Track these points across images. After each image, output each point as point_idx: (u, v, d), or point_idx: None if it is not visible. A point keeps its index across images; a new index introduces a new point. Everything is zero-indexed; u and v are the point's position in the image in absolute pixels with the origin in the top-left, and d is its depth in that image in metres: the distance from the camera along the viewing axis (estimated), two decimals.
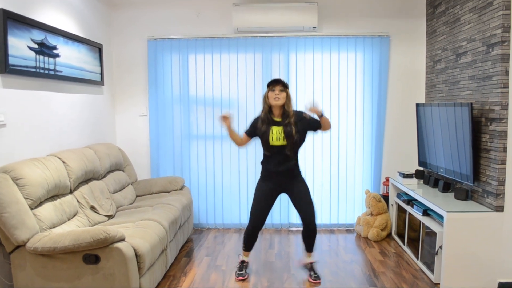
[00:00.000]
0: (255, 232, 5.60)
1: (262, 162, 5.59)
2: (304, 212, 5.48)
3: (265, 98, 5.41)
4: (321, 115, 5.30)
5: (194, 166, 7.71)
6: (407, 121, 7.49)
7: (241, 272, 5.66)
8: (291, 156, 5.38)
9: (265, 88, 5.94)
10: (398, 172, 7.01)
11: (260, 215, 5.52)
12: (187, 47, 7.50)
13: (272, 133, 5.31)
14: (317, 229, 5.47)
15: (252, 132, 5.56)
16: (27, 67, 5.07)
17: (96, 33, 7.01)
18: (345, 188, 7.62)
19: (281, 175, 5.44)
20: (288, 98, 5.36)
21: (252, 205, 5.57)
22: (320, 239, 7.06)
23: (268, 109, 5.41)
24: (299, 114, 5.44)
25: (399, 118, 7.51)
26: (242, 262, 5.78)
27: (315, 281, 5.51)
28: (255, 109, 7.43)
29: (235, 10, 7.13)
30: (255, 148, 7.48)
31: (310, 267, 5.70)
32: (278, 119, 5.39)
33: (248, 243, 5.70)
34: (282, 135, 5.29)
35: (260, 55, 7.47)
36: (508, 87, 4.97)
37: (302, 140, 5.43)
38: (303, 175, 5.64)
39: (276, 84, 5.31)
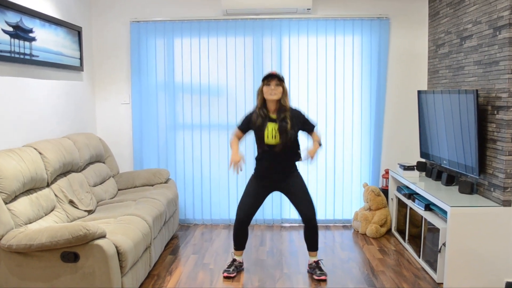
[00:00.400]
0: (242, 228, 5.61)
1: (256, 159, 5.61)
2: (303, 209, 5.51)
3: (260, 92, 5.40)
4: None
5: (180, 158, 7.68)
6: (408, 110, 7.47)
7: (228, 269, 5.64)
8: (287, 154, 5.42)
9: (256, 74, 5.95)
10: (398, 164, 7.00)
11: (248, 210, 5.55)
12: (172, 31, 7.44)
13: (268, 130, 5.33)
14: None
15: (246, 127, 5.56)
16: (1, 51, 5.00)
17: (75, 15, 6.93)
18: (341, 181, 7.61)
19: (276, 174, 5.48)
20: (284, 92, 5.36)
21: (241, 199, 5.61)
22: None
23: (262, 103, 5.41)
24: (295, 111, 5.48)
25: (399, 106, 7.50)
26: (234, 260, 5.77)
27: (319, 277, 5.50)
28: (245, 97, 7.42)
29: None
30: (245, 138, 7.43)
31: (315, 266, 5.67)
32: (273, 115, 5.39)
33: (238, 240, 5.71)
34: (277, 133, 5.30)
35: (251, 39, 7.42)
36: None
37: (296, 137, 5.45)
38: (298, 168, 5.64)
39: (272, 78, 5.28)
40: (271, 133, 5.30)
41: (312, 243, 5.66)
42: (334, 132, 7.48)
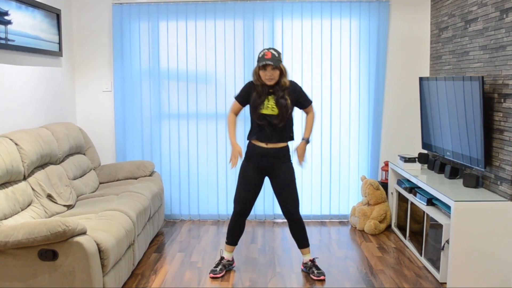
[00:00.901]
0: (241, 221, 5.63)
1: (249, 135, 5.57)
2: (284, 200, 5.54)
3: (256, 73, 5.36)
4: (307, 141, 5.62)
5: (165, 149, 7.67)
6: (409, 98, 7.49)
7: (215, 269, 5.63)
8: (282, 129, 5.39)
9: (247, 60, 5.92)
10: (398, 155, 7.00)
11: (247, 200, 5.55)
12: (157, 13, 7.42)
13: (266, 101, 5.33)
14: (307, 220, 5.47)
15: (245, 98, 5.53)
16: None
17: None
18: (338, 174, 7.62)
19: (269, 152, 5.44)
20: (282, 73, 5.32)
21: (237, 189, 5.60)
22: (310, 232, 6.99)
23: (261, 84, 5.37)
24: (294, 85, 5.49)
25: (399, 94, 7.51)
26: (222, 258, 5.76)
27: (318, 277, 5.51)
28: (235, 84, 7.40)
29: None
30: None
31: (312, 265, 5.67)
32: (271, 89, 5.36)
33: (233, 234, 5.70)
34: (273, 104, 5.31)
35: (241, 22, 7.41)
36: None
37: (291, 111, 5.45)
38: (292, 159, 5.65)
39: (267, 64, 5.21)
40: (265, 104, 5.31)
41: (301, 239, 5.68)
42: (330, 122, 7.48)
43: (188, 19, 7.41)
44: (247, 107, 5.57)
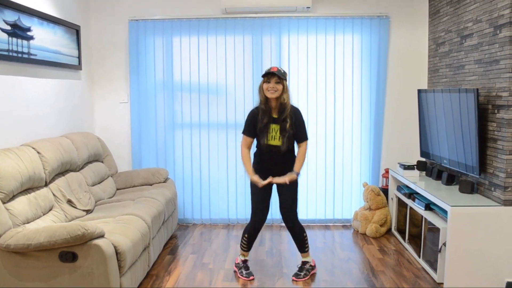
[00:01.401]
0: (259, 229, 5.61)
1: (255, 154, 5.59)
2: (285, 209, 5.54)
3: (260, 88, 5.33)
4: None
5: (178, 157, 7.68)
6: (408, 109, 7.48)
7: (248, 271, 5.65)
8: (286, 153, 5.38)
9: (255, 73, 5.91)
10: (398, 163, 7.00)
11: (263, 209, 5.53)
12: (171, 29, 7.45)
13: (269, 131, 5.30)
14: (312, 224, 5.45)
15: (253, 130, 5.44)
16: None
17: (73, 14, 6.94)
18: (341, 180, 7.61)
19: (274, 171, 5.42)
20: (284, 90, 5.27)
21: (252, 201, 5.56)
22: (315, 236, 7.07)
23: (265, 99, 5.32)
24: (296, 110, 5.42)
25: (399, 105, 7.51)
26: (245, 261, 5.75)
27: (292, 277, 5.59)
28: (244, 96, 7.43)
29: None
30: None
31: (300, 266, 5.71)
32: (275, 115, 5.33)
33: (251, 242, 5.70)
34: (278, 134, 5.29)
35: (250, 38, 7.43)
36: None
37: (292, 135, 5.40)
38: None
39: (272, 76, 5.20)
40: (271, 134, 5.29)
41: (299, 244, 5.69)
42: (333, 131, 7.49)
43: (200, 34, 7.44)
44: None
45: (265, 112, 5.31)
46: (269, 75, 5.22)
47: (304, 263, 5.71)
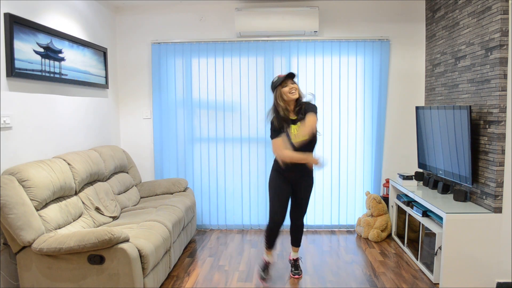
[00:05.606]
0: (278, 228, 5.40)
1: (276, 160, 5.33)
2: (297, 210, 5.51)
3: (279, 97, 5.08)
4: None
5: (197, 168, 7.70)
6: (407, 124, 7.48)
7: (264, 275, 5.60)
8: (305, 148, 5.11)
9: (267, 92, 5.83)
10: (398, 174, 6.99)
11: (282, 210, 5.32)
12: (190, 51, 7.50)
13: (291, 133, 5.07)
14: (319, 230, 5.44)
15: (279, 132, 5.14)
16: (33, 70, 5.07)
17: (101, 37, 7.01)
18: (345, 189, 7.60)
19: (296, 170, 5.26)
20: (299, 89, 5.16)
21: (271, 201, 5.34)
22: (322, 240, 7.07)
23: (285, 107, 5.10)
24: (308, 104, 5.20)
25: (399, 121, 7.50)
26: (267, 264, 5.70)
27: (293, 276, 5.62)
28: (257, 112, 7.45)
29: (237, 15, 7.13)
30: (257, 150, 7.50)
31: (293, 263, 5.77)
32: (293, 117, 5.17)
33: (273, 241, 5.53)
34: (299, 130, 5.06)
35: (262, 59, 7.46)
36: (506, 90, 4.95)
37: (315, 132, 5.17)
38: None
39: (286, 79, 5.06)
40: (294, 133, 5.05)
41: (295, 239, 5.76)
42: (339, 145, 7.49)
43: (216, 56, 7.47)
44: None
45: (286, 120, 5.12)
46: (283, 80, 5.06)
47: (296, 260, 5.77)
